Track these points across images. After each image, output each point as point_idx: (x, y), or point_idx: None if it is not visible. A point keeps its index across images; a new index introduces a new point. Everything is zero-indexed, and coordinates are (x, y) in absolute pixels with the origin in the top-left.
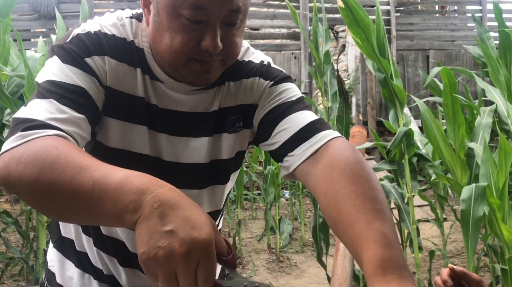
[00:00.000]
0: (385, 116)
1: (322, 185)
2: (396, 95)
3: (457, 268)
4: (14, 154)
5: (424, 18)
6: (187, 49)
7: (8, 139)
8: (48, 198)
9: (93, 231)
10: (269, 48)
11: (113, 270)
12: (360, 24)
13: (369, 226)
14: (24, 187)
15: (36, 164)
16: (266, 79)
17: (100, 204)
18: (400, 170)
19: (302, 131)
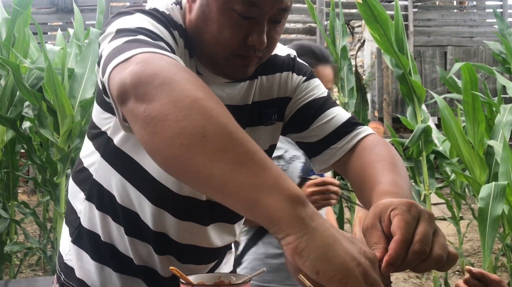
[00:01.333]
0: (401, 113)
1: (352, 166)
2: (415, 91)
3: (475, 270)
4: (164, 60)
5: (442, 13)
6: (233, 43)
7: (143, 48)
8: (195, 122)
9: (125, 218)
10: (284, 43)
11: (148, 257)
12: (378, 19)
13: (383, 178)
14: (169, 97)
15: (197, 86)
16: (298, 75)
17: (260, 171)
18: (418, 167)
19: (343, 126)
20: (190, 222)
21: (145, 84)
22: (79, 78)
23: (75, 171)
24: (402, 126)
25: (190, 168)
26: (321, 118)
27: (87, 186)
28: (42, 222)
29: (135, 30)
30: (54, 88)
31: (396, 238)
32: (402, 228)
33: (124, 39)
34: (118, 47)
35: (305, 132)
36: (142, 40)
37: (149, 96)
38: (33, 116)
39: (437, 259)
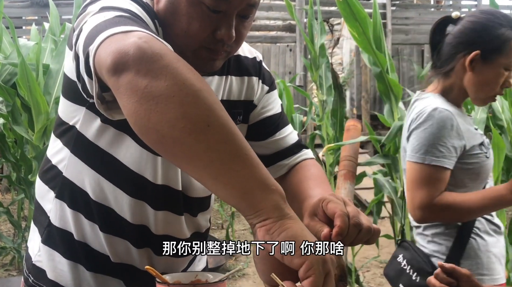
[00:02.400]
0: (379, 111)
1: (289, 180)
2: (392, 89)
3: (446, 265)
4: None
5: (419, 12)
6: (202, 36)
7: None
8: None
9: (100, 215)
10: (264, 40)
11: (125, 253)
12: (357, 17)
13: (314, 192)
14: (178, 80)
15: (202, 79)
16: (263, 83)
17: (252, 165)
18: (394, 164)
19: (294, 146)
20: (167, 211)
21: (151, 61)
22: (54, 74)
23: (43, 170)
24: (380, 123)
25: (189, 152)
26: (277, 135)
27: (56, 184)
28: (17, 221)
29: (124, 10)
30: (28, 85)
31: (337, 215)
32: (337, 208)
33: (115, 14)
34: (111, 20)
35: (261, 143)
36: (135, 20)
37: (154, 74)
38: (7, 113)
39: (368, 230)
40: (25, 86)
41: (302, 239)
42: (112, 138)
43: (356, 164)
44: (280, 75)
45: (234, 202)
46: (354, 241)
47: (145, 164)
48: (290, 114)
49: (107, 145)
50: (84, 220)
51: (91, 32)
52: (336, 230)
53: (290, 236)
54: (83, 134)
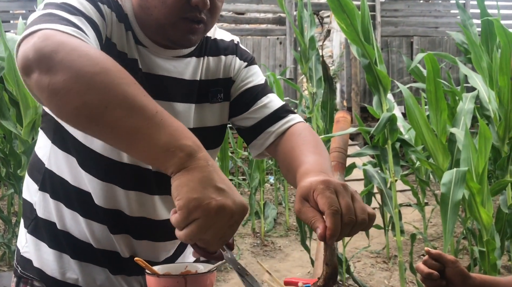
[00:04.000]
0: (369, 103)
1: (283, 149)
2: (380, 81)
3: (433, 251)
4: (70, 39)
5: (408, 4)
6: (179, 5)
7: (51, 23)
8: (96, 97)
9: (80, 202)
10: (254, 33)
11: (106, 239)
12: (345, 9)
13: (307, 158)
14: (71, 72)
15: (100, 61)
16: (241, 59)
17: (156, 131)
18: (383, 155)
19: (278, 111)
20: (138, 191)
21: (48, 58)
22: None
23: (29, 164)
24: (370, 115)
25: (99, 133)
26: (259, 102)
27: (39, 177)
28: (6, 216)
29: (59, 5)
30: (15, 79)
31: (327, 213)
32: (326, 203)
33: (40, 13)
34: (32, 21)
35: (245, 114)
36: (55, 15)
37: (52, 71)
38: None
39: (362, 222)
40: (13, 80)
41: (196, 186)
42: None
43: (345, 155)
44: (270, 68)
45: (150, 165)
46: (349, 234)
47: (106, 145)
48: None
49: (77, 132)
50: (65, 209)
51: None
52: (328, 233)
53: (177, 185)
54: (59, 122)
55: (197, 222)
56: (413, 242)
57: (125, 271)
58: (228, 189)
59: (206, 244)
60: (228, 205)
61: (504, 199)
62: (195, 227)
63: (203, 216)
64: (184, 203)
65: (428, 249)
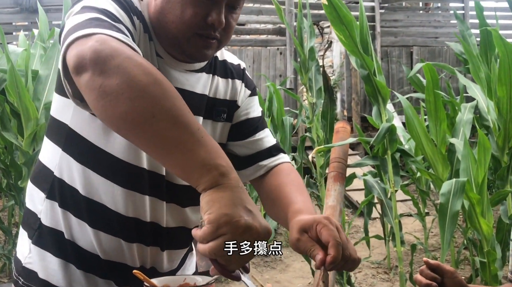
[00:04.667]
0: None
1: (268, 183)
2: (379, 91)
3: (432, 261)
4: (124, 47)
5: (408, 15)
6: (195, 21)
7: (106, 29)
8: (146, 104)
9: (90, 212)
10: (254, 44)
11: (114, 250)
12: (344, 21)
13: (297, 198)
14: (126, 77)
15: (152, 72)
16: (247, 87)
17: (196, 147)
18: (383, 165)
19: (272, 149)
20: (152, 197)
21: (104, 62)
22: (43, 80)
23: (34, 173)
24: (370, 125)
25: (140, 139)
26: (257, 135)
27: (47, 185)
28: (7, 227)
29: (100, 10)
30: (17, 91)
31: (331, 244)
32: (331, 235)
33: (87, 16)
34: (81, 23)
35: (241, 142)
36: (103, 20)
37: (106, 74)
38: None
39: (353, 260)
40: (15, 92)
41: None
42: (100, 130)
43: (345, 166)
44: (270, 78)
45: (181, 178)
46: (339, 268)
47: (133, 151)
48: (281, 117)
49: (96, 138)
50: (73, 218)
51: (66, 34)
52: (330, 259)
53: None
54: (74, 130)
55: (224, 237)
56: (413, 252)
57: (130, 283)
58: (256, 212)
59: (227, 262)
60: (255, 226)
61: (504, 209)
62: (221, 242)
63: (231, 232)
64: (215, 217)
65: (427, 260)
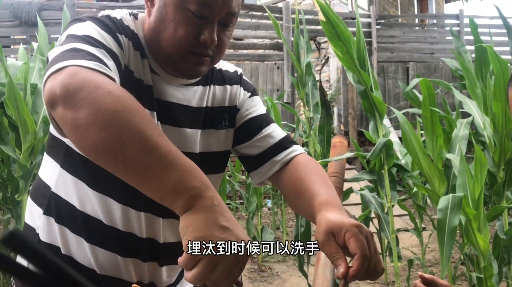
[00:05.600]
0: (366, 127)
1: (289, 176)
2: (376, 107)
3: (427, 275)
4: (94, 76)
5: (404, 31)
6: (188, 40)
7: (77, 59)
8: (114, 134)
9: (86, 228)
10: (252, 58)
11: (110, 265)
12: (341, 37)
13: (321, 190)
14: (93, 109)
15: (120, 100)
16: (245, 90)
17: (167, 172)
18: (380, 180)
19: (283, 141)
20: (148, 213)
21: (73, 95)
22: (42, 94)
23: (33, 189)
24: (367, 139)
25: (114, 168)
26: (263, 131)
27: (45, 201)
28: None
29: (80, 37)
30: (16, 104)
31: (358, 256)
32: (360, 247)
33: (66, 47)
34: (57, 56)
35: (249, 142)
36: (78, 50)
37: (76, 107)
38: None
39: (376, 273)
40: (13, 105)
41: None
42: None
43: (343, 180)
44: (268, 93)
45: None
46: (361, 278)
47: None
48: None
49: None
50: (70, 234)
51: (46, 68)
52: (352, 273)
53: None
54: (71, 147)
55: (203, 262)
56: (410, 267)
57: None
58: (233, 227)
59: (215, 284)
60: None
61: (501, 225)
62: (202, 267)
63: (207, 255)
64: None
65: (422, 274)
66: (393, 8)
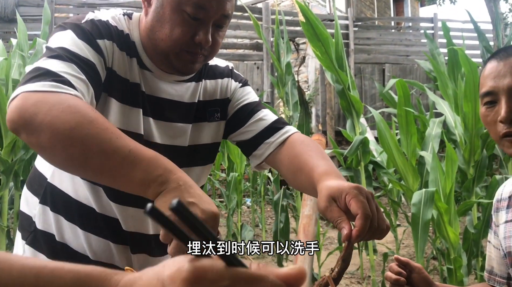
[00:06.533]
0: (344, 127)
1: (286, 155)
2: (353, 105)
3: (402, 258)
4: (46, 98)
5: (380, 33)
6: (183, 40)
7: (32, 83)
8: (77, 149)
9: (80, 216)
10: (232, 58)
11: (103, 252)
12: (320, 38)
13: (319, 162)
14: (52, 131)
15: (75, 116)
16: (236, 81)
17: (131, 170)
18: (357, 176)
19: (275, 123)
20: (133, 208)
21: (29, 122)
22: None
23: (29, 179)
24: (344, 139)
25: (88, 176)
26: (255, 116)
27: (41, 190)
28: None
29: (52, 50)
30: None
31: (359, 216)
32: (361, 207)
33: (32, 67)
34: (23, 78)
35: (242, 129)
36: (41, 69)
37: (36, 133)
38: None
39: (381, 231)
40: None
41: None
42: None
43: None
44: None
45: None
46: (367, 238)
47: None
48: None
49: None
50: (65, 222)
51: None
52: (356, 233)
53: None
54: None
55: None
56: (385, 261)
57: None
58: (198, 201)
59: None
60: (197, 215)
61: (470, 219)
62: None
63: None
64: None
65: (397, 256)
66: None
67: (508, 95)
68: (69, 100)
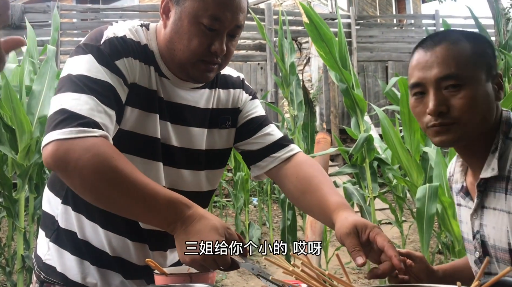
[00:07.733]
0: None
1: (294, 173)
2: (357, 103)
3: (402, 250)
4: (74, 146)
5: (383, 31)
6: (200, 50)
7: (60, 130)
8: (103, 195)
9: (101, 215)
10: (235, 59)
11: (122, 249)
12: (324, 38)
13: (331, 190)
14: (81, 179)
15: (99, 166)
16: (246, 93)
17: (152, 217)
18: (362, 173)
19: (281, 140)
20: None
21: (63, 169)
22: (37, 95)
23: (50, 180)
24: (348, 137)
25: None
26: (263, 130)
27: (62, 191)
28: None
29: (72, 82)
30: (12, 105)
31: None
32: (386, 241)
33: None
34: (51, 119)
35: (250, 139)
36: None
37: (70, 178)
38: None
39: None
40: (9, 107)
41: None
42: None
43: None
44: None
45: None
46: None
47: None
48: None
49: None
50: (86, 221)
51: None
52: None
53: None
54: None
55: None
56: None
57: (137, 277)
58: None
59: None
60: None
61: None
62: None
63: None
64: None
65: (398, 250)
66: (372, 8)
67: (436, 87)
68: (94, 146)
